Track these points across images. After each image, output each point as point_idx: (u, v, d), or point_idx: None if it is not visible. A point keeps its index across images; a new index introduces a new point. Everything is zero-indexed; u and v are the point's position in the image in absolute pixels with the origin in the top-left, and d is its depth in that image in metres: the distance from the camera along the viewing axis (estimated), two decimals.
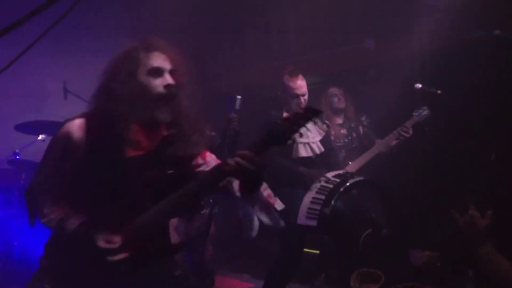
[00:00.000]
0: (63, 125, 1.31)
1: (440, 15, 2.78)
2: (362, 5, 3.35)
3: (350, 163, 2.71)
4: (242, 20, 4.18)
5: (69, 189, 1.27)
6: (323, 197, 2.29)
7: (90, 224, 1.20)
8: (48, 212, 1.28)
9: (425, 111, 2.68)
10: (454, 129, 2.79)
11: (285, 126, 1.15)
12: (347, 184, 2.33)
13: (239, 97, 2.10)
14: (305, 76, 2.50)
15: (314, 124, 1.16)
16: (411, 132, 2.64)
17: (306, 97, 2.47)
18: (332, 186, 2.33)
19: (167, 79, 1.30)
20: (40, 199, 1.30)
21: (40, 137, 3.04)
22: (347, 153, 2.80)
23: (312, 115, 1.16)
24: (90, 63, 1.36)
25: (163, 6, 3.77)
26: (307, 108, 1.17)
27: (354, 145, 2.83)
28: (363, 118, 2.93)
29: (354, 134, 2.85)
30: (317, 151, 2.47)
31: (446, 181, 2.70)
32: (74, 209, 1.25)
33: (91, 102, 1.32)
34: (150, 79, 1.28)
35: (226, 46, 4.33)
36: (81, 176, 1.25)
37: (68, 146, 1.28)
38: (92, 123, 1.28)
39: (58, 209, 1.27)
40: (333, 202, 2.26)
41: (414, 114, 2.69)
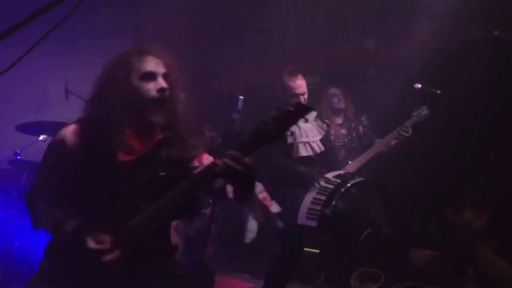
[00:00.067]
0: (58, 131, 1.32)
1: (440, 15, 2.78)
2: (362, 5, 3.35)
3: (350, 162, 2.72)
4: (242, 20, 4.18)
5: (65, 193, 1.29)
6: (324, 198, 2.29)
7: (84, 226, 1.21)
8: (45, 215, 1.30)
9: (424, 111, 2.69)
10: (453, 129, 2.79)
11: (275, 124, 1.11)
12: (348, 185, 2.33)
13: (242, 97, 2.08)
14: (305, 76, 2.50)
15: (305, 122, 1.11)
16: (410, 132, 2.65)
17: (305, 96, 2.47)
18: (332, 187, 2.33)
19: (160, 82, 1.29)
20: (38, 203, 1.32)
21: (41, 137, 3.04)
22: (347, 152, 2.81)
23: (303, 112, 1.11)
24: (91, 64, 1.36)
25: (164, 6, 3.77)
26: (297, 105, 1.12)
27: (354, 145, 2.84)
28: (363, 118, 2.93)
29: (354, 134, 2.86)
30: (317, 150, 2.47)
31: (445, 181, 2.70)
32: (71, 212, 1.26)
33: (85, 108, 1.32)
34: (143, 84, 1.28)
35: (226, 46, 4.33)
36: (76, 180, 1.26)
37: (63, 151, 1.29)
38: (86, 128, 1.29)
39: (55, 212, 1.28)
40: (334, 203, 2.26)
41: (414, 114, 2.69)
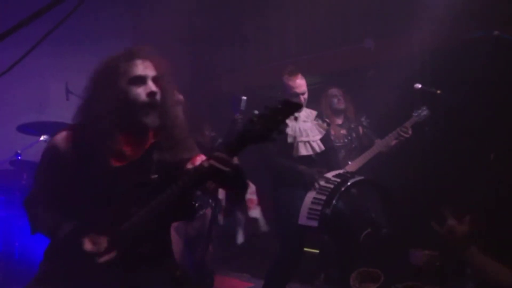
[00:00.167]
0: (51, 138, 1.33)
1: (440, 15, 2.78)
2: (362, 5, 3.35)
3: (349, 163, 2.72)
4: (242, 20, 4.18)
5: (60, 198, 1.30)
6: (324, 198, 2.29)
7: (79, 229, 1.22)
8: (43, 220, 1.31)
9: (424, 111, 2.68)
10: (453, 129, 2.79)
11: (262, 123, 1.06)
12: (348, 184, 2.33)
13: (245, 97, 2.05)
14: (305, 76, 2.50)
15: (295, 120, 1.08)
16: (410, 132, 2.65)
17: (305, 96, 2.47)
18: (332, 186, 2.33)
19: (150, 86, 1.28)
20: (35, 209, 1.33)
21: (42, 137, 3.04)
22: (347, 153, 2.81)
23: (291, 110, 1.06)
24: (91, 64, 1.36)
25: (164, 6, 3.78)
26: (285, 102, 1.06)
27: (353, 145, 2.83)
28: (363, 119, 2.93)
29: (353, 134, 2.85)
30: (318, 149, 2.46)
31: (445, 181, 2.70)
32: (67, 217, 1.27)
33: (76, 114, 1.32)
34: (132, 88, 1.27)
35: (226, 46, 4.33)
36: (70, 186, 1.27)
37: (56, 158, 1.29)
38: (78, 135, 1.29)
39: (51, 217, 1.29)
40: (334, 202, 2.25)
41: (414, 114, 2.69)
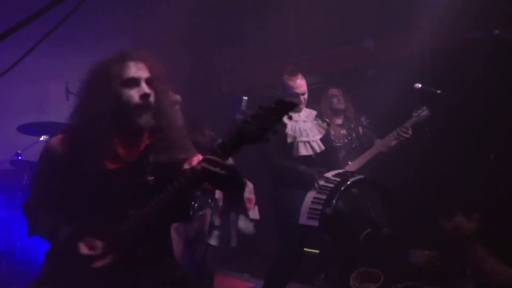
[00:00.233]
0: (47, 142, 1.34)
1: (440, 15, 2.78)
2: (362, 5, 3.35)
3: (349, 163, 2.72)
4: (242, 20, 4.18)
5: (58, 201, 1.30)
6: (324, 197, 2.28)
7: (76, 233, 1.22)
8: (41, 223, 1.32)
9: (424, 111, 2.68)
10: (454, 129, 2.79)
11: (257, 123, 1.04)
12: (348, 183, 2.33)
13: (246, 98, 2.05)
14: (305, 76, 2.50)
15: (289, 119, 1.06)
16: (410, 132, 2.64)
17: (305, 96, 2.47)
18: (332, 186, 2.33)
19: (143, 88, 1.27)
20: (33, 212, 1.33)
21: (42, 138, 3.05)
22: (347, 153, 2.80)
23: (286, 109, 1.04)
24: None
25: (163, 6, 3.78)
26: (280, 101, 1.04)
27: (353, 145, 2.83)
28: (363, 119, 2.93)
29: (353, 135, 2.85)
30: (318, 149, 2.46)
31: (446, 181, 2.70)
32: (64, 220, 1.27)
33: (71, 117, 1.32)
34: (125, 90, 1.26)
35: (226, 46, 4.33)
36: (67, 189, 1.27)
37: (52, 162, 1.30)
38: (73, 138, 1.28)
39: (49, 220, 1.30)
40: (334, 202, 2.25)
41: (414, 114, 2.69)
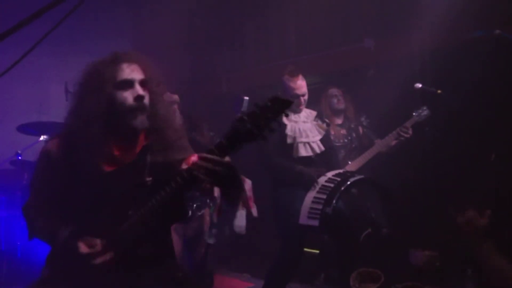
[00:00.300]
0: (44, 145, 1.33)
1: (440, 15, 2.78)
2: (362, 5, 3.35)
3: (349, 162, 2.72)
4: (242, 20, 4.19)
5: (57, 204, 1.30)
6: (325, 197, 2.28)
7: (76, 234, 1.22)
8: (40, 226, 1.31)
9: (424, 111, 2.68)
10: (454, 129, 2.79)
11: (252, 122, 1.03)
12: (348, 183, 2.33)
13: (247, 98, 2.04)
14: (305, 76, 2.49)
15: (286, 117, 1.05)
16: (410, 132, 2.64)
17: (306, 97, 2.47)
18: (333, 185, 2.33)
19: (137, 90, 1.26)
20: (33, 216, 1.33)
21: (42, 137, 3.05)
22: (347, 153, 2.80)
23: (281, 107, 1.03)
24: None
25: (163, 7, 3.78)
26: (274, 99, 1.03)
27: (353, 145, 2.83)
28: (363, 119, 2.93)
29: (353, 134, 2.85)
30: (317, 150, 2.46)
31: (446, 181, 2.70)
32: (64, 223, 1.27)
33: (67, 120, 1.31)
34: (119, 93, 1.25)
35: (226, 46, 4.33)
36: (65, 192, 1.27)
37: (49, 165, 1.30)
38: (69, 141, 1.28)
39: (49, 223, 1.30)
40: (335, 201, 2.25)
41: (414, 114, 2.69)
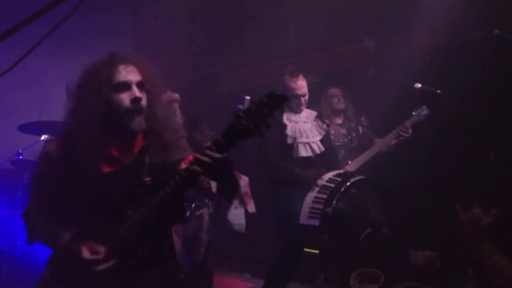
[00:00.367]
0: (43, 147, 1.34)
1: (440, 15, 2.78)
2: (362, 5, 3.35)
3: (349, 162, 2.72)
4: (242, 20, 4.19)
5: (57, 206, 1.30)
6: (325, 196, 2.29)
7: (77, 237, 1.22)
8: (41, 229, 1.32)
9: (424, 111, 2.68)
10: (454, 129, 2.79)
11: (248, 119, 1.03)
12: (348, 183, 2.33)
13: (248, 97, 2.04)
14: (305, 76, 2.49)
15: (283, 112, 1.06)
16: (410, 131, 2.64)
17: (306, 97, 2.47)
18: (333, 185, 2.33)
19: (134, 92, 1.26)
20: (33, 220, 1.33)
21: (43, 137, 3.06)
22: (347, 152, 2.81)
23: (276, 102, 1.03)
24: None
25: (164, 7, 3.79)
26: (270, 95, 1.03)
27: (353, 145, 2.83)
28: (363, 118, 2.93)
29: (353, 134, 2.85)
30: (317, 150, 2.46)
31: (446, 180, 2.70)
32: (64, 225, 1.27)
33: (65, 121, 1.32)
34: (116, 95, 1.25)
35: (226, 46, 4.34)
36: (65, 193, 1.27)
37: (49, 167, 1.30)
38: (68, 142, 1.28)
39: (49, 225, 1.30)
40: (335, 201, 2.26)
41: (414, 113, 2.69)
